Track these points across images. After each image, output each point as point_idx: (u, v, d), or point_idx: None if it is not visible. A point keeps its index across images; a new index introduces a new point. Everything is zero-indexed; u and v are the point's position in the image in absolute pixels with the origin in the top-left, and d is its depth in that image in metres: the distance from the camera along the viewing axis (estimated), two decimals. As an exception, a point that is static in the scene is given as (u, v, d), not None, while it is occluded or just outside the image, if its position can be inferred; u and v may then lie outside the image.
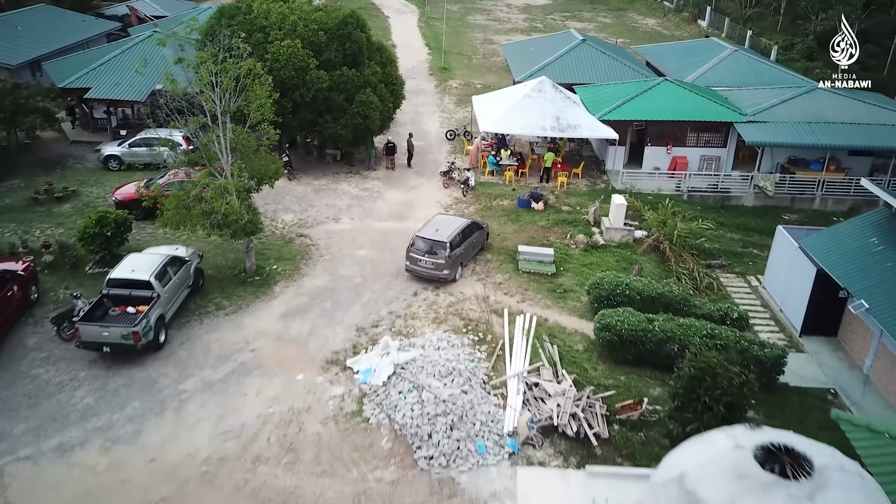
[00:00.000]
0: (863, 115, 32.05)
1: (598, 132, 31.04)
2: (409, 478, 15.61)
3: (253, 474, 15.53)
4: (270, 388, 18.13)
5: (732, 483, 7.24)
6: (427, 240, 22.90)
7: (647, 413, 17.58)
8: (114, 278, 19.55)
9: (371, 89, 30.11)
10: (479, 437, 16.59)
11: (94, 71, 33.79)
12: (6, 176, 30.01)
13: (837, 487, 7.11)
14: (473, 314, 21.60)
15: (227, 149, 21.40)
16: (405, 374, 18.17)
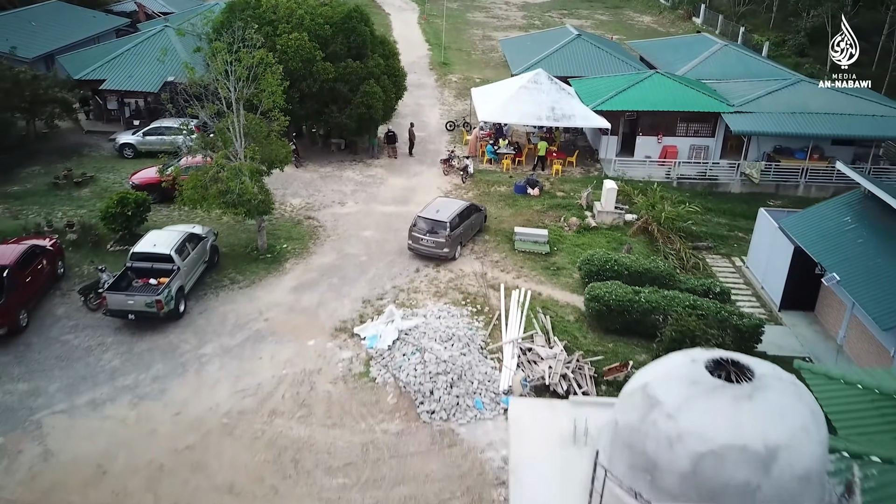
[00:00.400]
0: (845, 106, 33.48)
1: (591, 122, 32.49)
2: (412, 429, 17.06)
3: (269, 426, 16.96)
4: (283, 353, 19.57)
5: (686, 387, 8.66)
6: (428, 220, 24.34)
7: (632, 374, 19.02)
8: (137, 252, 21.01)
9: (374, 80, 31.56)
10: (477, 394, 18.05)
11: (109, 63, 35.23)
12: (26, 163, 31.41)
13: (774, 390, 8.53)
14: (472, 289, 23.03)
15: (241, 133, 22.84)
16: (408, 339, 19.62)
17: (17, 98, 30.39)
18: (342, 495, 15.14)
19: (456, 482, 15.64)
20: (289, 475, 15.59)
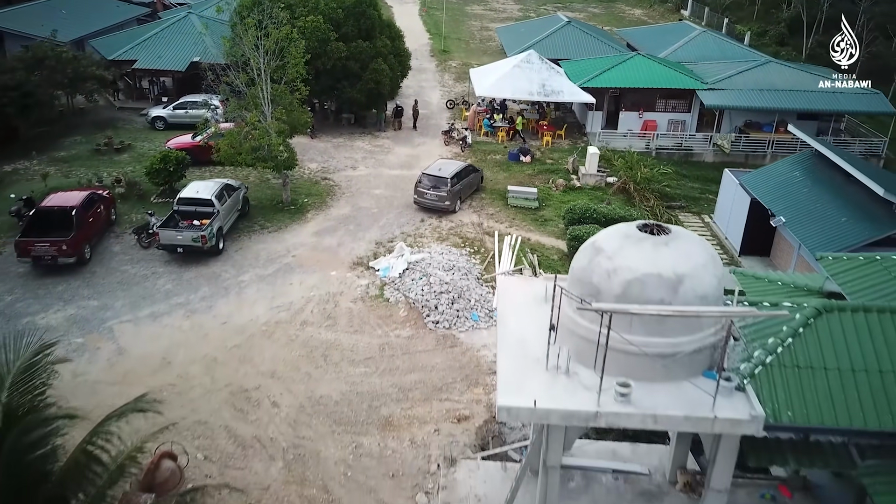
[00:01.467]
0: (808, 84, 36.97)
1: (578, 97, 35.96)
2: (420, 334, 20.52)
3: (301, 332, 20.41)
4: (310, 280, 23.03)
5: (621, 239, 12.04)
6: (432, 176, 27.79)
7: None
8: (182, 197, 24.46)
9: (382, 59, 35.03)
10: (474, 309, 21.51)
11: (139, 46, 38.66)
12: (68, 134, 34.81)
13: (684, 240, 11.93)
14: (470, 235, 26.49)
15: (269, 100, 26.27)
16: (416, 268, 23.10)
17: (61, 75, 33.75)
18: (364, 379, 18.60)
19: (456, 371, 19.10)
20: (319, 365, 19.04)
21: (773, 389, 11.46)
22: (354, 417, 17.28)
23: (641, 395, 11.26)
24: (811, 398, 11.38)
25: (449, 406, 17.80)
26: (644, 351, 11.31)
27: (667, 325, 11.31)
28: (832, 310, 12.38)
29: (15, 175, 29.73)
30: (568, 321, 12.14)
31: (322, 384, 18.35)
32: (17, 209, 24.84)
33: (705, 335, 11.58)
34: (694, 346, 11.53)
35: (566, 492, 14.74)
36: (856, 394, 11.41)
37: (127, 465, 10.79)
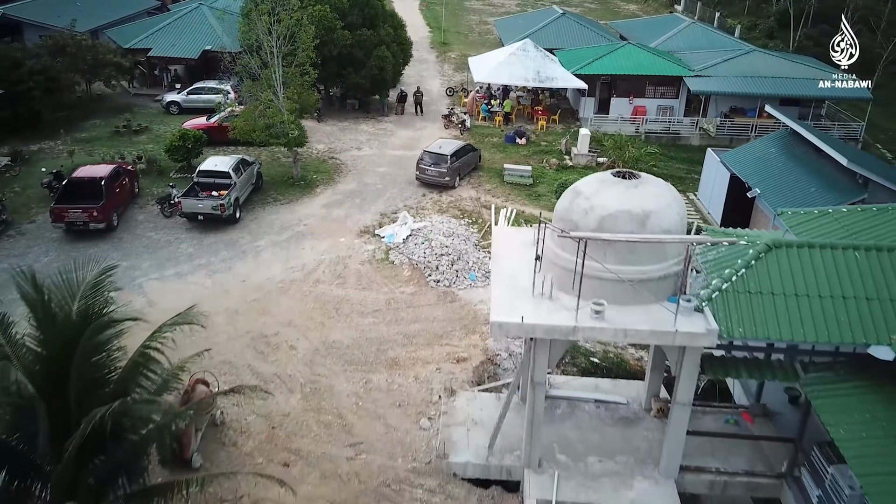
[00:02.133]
0: (791, 71, 38.90)
1: (570, 83, 37.88)
2: (423, 291, 22.44)
3: (314, 289, 22.32)
4: (321, 246, 24.94)
5: (598, 184, 13.92)
6: (433, 154, 29.71)
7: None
8: (202, 170, 26.37)
9: (385, 47, 36.93)
10: (471, 270, 23.45)
11: (154, 35, 40.56)
12: (87, 118, 36.66)
13: (652, 184, 13.82)
14: (468, 208, 28.40)
15: (281, 81, 28.17)
16: (419, 235, 25.03)
17: (82, 61, 35.63)
18: (372, 328, 20.52)
19: (455, 322, 21.02)
20: (332, 316, 20.96)
21: (728, 311, 13.38)
22: (364, 359, 19.20)
23: (614, 314, 13.21)
24: (760, 318, 13.30)
25: (449, 350, 19.73)
26: (617, 277, 13.24)
27: (636, 254, 13.26)
28: (781, 245, 14.33)
29: (41, 154, 31.62)
30: (551, 255, 14.09)
31: (334, 331, 20.27)
32: (49, 182, 26.75)
33: (669, 264, 13.52)
34: (660, 273, 13.48)
35: (553, 417, 16.69)
36: (798, 315, 13.33)
37: (176, 375, 12.72)
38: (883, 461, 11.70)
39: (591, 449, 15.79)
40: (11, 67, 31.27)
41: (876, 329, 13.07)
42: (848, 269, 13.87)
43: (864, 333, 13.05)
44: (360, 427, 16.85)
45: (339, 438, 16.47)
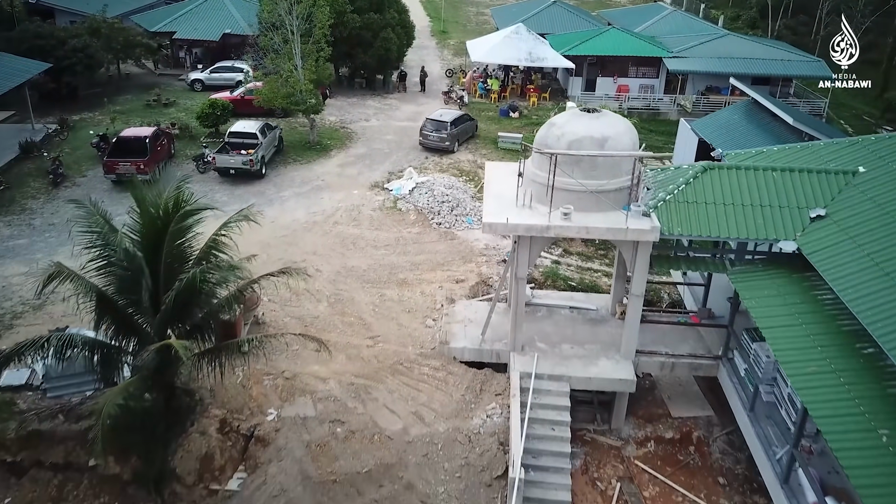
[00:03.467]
0: (761, 53, 42.56)
1: (559, 63, 41.56)
2: (427, 231, 26.09)
3: (333, 228, 25.96)
4: (337, 196, 28.58)
5: (568, 116, 17.60)
6: (434, 121, 33.36)
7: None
8: (232, 131, 30.01)
9: (391, 29, 40.55)
10: (468, 215, 27.09)
11: (178, 19, 44.17)
12: (119, 94, 40.28)
13: (610, 117, 17.55)
14: (466, 168, 32.04)
15: (300, 55, 31.79)
16: (423, 187, 28.69)
17: (115, 42, 39.20)
18: (385, 257, 24.17)
19: (455, 254, 24.68)
20: (350, 248, 24.62)
21: (669, 215, 17.02)
22: (378, 279, 22.86)
23: (579, 217, 16.89)
24: (694, 220, 16.95)
25: (449, 273, 23.39)
26: (583, 188, 16.90)
27: (597, 170, 16.92)
28: (714, 168, 18.01)
29: (82, 123, 35.22)
30: (530, 175, 17.76)
31: (353, 259, 23.93)
32: (97, 143, 30.36)
33: (624, 179, 17.19)
34: (616, 186, 17.15)
35: (535, 318, 20.33)
36: (724, 218, 16.97)
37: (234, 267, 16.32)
38: (784, 320, 15.29)
39: (564, 339, 19.44)
40: (57, 45, 34.84)
41: (784, 229, 16.70)
42: (766, 185, 17.53)
43: (775, 232, 16.68)
44: (377, 325, 20.51)
45: (360, 333, 20.14)
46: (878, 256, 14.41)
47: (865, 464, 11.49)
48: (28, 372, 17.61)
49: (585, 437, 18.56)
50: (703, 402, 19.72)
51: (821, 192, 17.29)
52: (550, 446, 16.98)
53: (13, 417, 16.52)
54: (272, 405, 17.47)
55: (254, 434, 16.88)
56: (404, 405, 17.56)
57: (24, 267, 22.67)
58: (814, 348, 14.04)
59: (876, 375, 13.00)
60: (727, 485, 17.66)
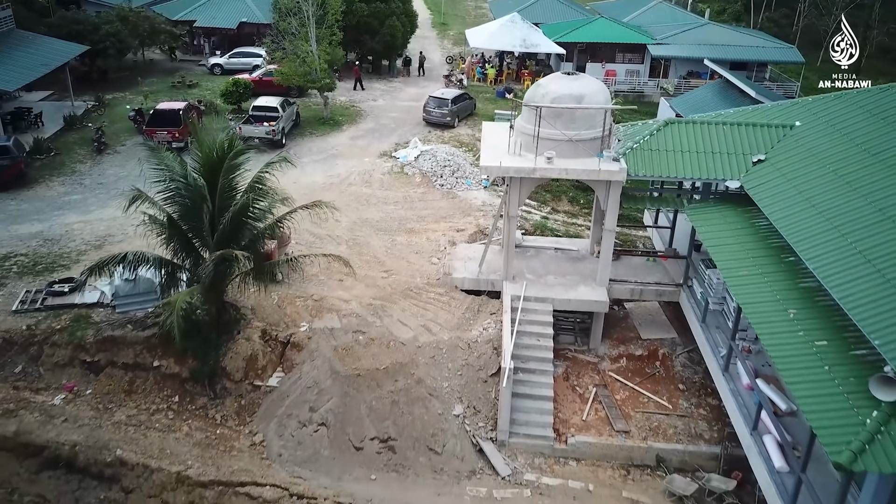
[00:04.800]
0: (738, 41, 45.98)
1: (552, 49, 45.00)
2: (431, 192, 29.49)
3: (348, 188, 29.35)
4: (350, 163, 31.96)
5: (551, 79, 20.99)
6: (437, 98, 36.76)
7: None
8: (256, 105, 33.38)
9: (395, 17, 43.93)
10: (468, 178, 30.49)
11: (197, 9, 47.52)
12: (145, 77, 43.63)
13: (587, 78, 20.90)
14: (465, 141, 35.40)
15: (315, 39, 35.16)
16: (427, 154, 32.08)
17: (141, 29, 42.54)
18: (394, 211, 27.56)
19: (455, 209, 28.08)
20: (363, 204, 28.01)
21: (635, 160, 20.40)
22: (389, 228, 26.26)
23: (560, 162, 20.27)
24: (656, 163, 20.33)
25: (451, 224, 26.79)
26: (563, 137, 20.28)
27: (575, 122, 20.30)
28: (673, 122, 21.43)
29: (115, 101, 38.57)
30: (520, 128, 21.16)
31: (367, 212, 27.33)
32: (133, 116, 33.73)
33: (597, 130, 20.57)
34: (591, 136, 20.53)
35: (525, 257, 23.71)
36: (681, 162, 20.35)
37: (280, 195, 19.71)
38: (727, 241, 18.64)
39: (549, 272, 22.83)
40: (92, 30, 38.19)
41: (731, 171, 20.07)
42: (717, 136, 20.92)
43: (723, 173, 20.06)
44: (389, 262, 23.92)
45: (376, 268, 23.54)
46: (807, 192, 17.72)
47: (777, 331, 14.85)
48: (98, 293, 20.96)
49: (567, 355, 21.90)
50: (668, 327, 23.09)
51: (763, 141, 20.68)
52: (536, 353, 20.37)
53: (90, 327, 19.89)
54: (304, 320, 20.85)
55: (289, 341, 20.27)
56: (414, 320, 20.96)
57: (82, 217, 26.06)
58: (748, 259, 17.45)
59: (793, 276, 16.37)
60: (686, 390, 20.99)
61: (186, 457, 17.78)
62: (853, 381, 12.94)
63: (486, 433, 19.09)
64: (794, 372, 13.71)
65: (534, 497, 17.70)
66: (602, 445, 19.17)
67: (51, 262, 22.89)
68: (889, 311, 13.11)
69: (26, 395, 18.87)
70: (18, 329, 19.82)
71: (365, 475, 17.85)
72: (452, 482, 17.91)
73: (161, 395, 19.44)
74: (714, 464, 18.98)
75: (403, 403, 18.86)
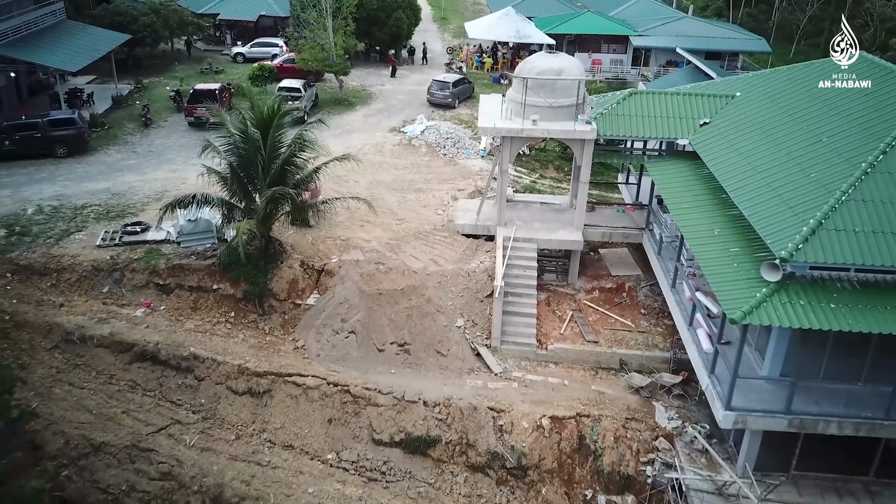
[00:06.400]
0: (712, 33, 50.65)
1: (543, 40, 49.59)
2: (435, 159, 34.13)
3: (364, 156, 33.84)
4: (363, 137, 36.58)
5: (537, 56, 25.63)
6: (439, 82, 41.43)
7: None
8: (281, 86, 37.99)
9: (401, 10, 48.57)
10: (467, 148, 35.15)
11: (220, 2, 52.09)
12: (175, 65, 48.18)
13: (565, 56, 25.55)
14: (465, 119, 40.04)
15: (331, 29, 39.78)
16: (431, 128, 36.74)
17: (172, 21, 47.08)
18: (404, 175, 32.21)
19: (457, 174, 32.72)
20: (377, 169, 32.65)
21: (604, 123, 25.03)
22: (401, 187, 30.90)
23: (543, 124, 24.92)
24: (623, 126, 24.94)
25: (453, 185, 31.43)
26: (545, 104, 24.92)
27: (556, 91, 24.93)
28: (637, 93, 26.08)
29: (152, 84, 43.16)
30: (511, 97, 25.80)
31: (380, 175, 31.99)
32: (173, 95, 38.33)
33: (573, 99, 25.22)
34: (568, 103, 25.17)
35: (515, 209, 28.33)
36: (642, 124, 24.98)
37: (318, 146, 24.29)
38: (676, 184, 23.27)
39: (535, 220, 27.47)
40: (131, 21, 42.76)
41: (682, 131, 24.70)
42: (672, 104, 25.53)
43: (675, 133, 24.69)
44: (402, 213, 28.57)
45: (390, 217, 28.20)
46: (738, 146, 22.33)
47: (704, 244, 19.52)
48: (164, 233, 25.56)
49: (550, 288, 26.52)
50: (634, 266, 27.73)
51: (709, 108, 25.32)
52: (523, 281, 25.02)
53: (161, 257, 24.52)
54: (334, 254, 25.48)
55: (323, 269, 24.91)
56: (424, 255, 25.62)
57: (140, 177, 30.69)
58: (693, 197, 22.12)
59: (723, 207, 21.00)
60: (647, 314, 25.61)
61: (245, 355, 22.41)
62: (753, 271, 17.63)
63: (482, 341, 23.74)
64: (712, 268, 18.44)
65: (520, 388, 22.32)
66: (576, 351, 23.81)
67: (121, 210, 27.52)
68: (783, 221, 17.80)
69: (114, 308, 23.52)
70: (104, 259, 24.45)
71: (386, 370, 22.48)
72: (455, 376, 22.54)
73: (220, 312, 24.07)
74: (665, 366, 23.60)
75: (416, 317, 23.51)
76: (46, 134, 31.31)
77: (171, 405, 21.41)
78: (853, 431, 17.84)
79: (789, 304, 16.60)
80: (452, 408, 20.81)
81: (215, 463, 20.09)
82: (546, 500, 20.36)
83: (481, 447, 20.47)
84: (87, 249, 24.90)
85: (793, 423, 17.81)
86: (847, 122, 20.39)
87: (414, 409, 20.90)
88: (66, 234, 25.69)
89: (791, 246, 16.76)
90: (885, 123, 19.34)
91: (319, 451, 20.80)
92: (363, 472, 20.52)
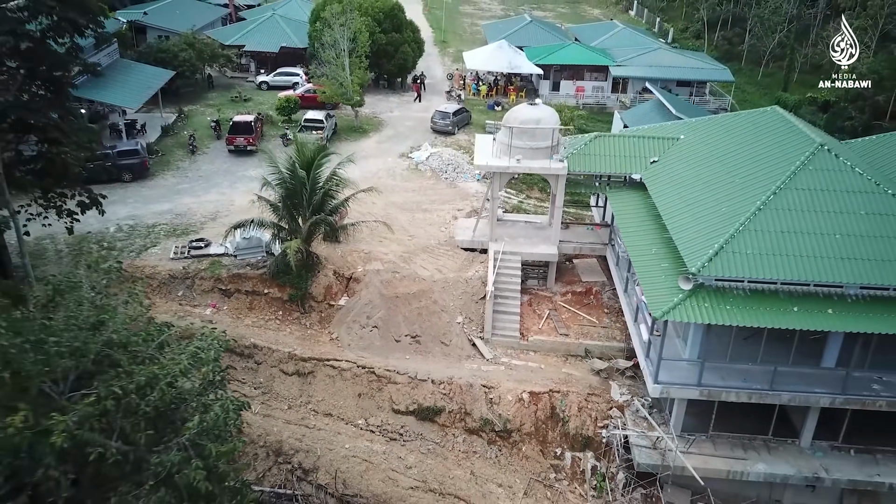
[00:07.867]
0: (685, 62, 57.11)
1: (532, 70, 56.05)
2: (438, 183, 40.57)
3: (378, 180, 40.28)
4: (378, 163, 43.00)
5: (521, 107, 32.01)
6: (441, 112, 47.92)
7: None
8: (307, 118, 44.39)
9: (407, 45, 54.97)
10: (465, 173, 41.61)
11: (245, 35, 58.44)
12: (207, 93, 54.50)
13: (542, 107, 32.01)
14: (464, 145, 46.45)
15: (348, 66, 46.17)
16: (435, 155, 43.18)
17: (206, 54, 53.38)
18: (413, 196, 38.63)
19: (456, 195, 39.18)
20: (390, 192, 39.01)
21: (574, 161, 31.47)
22: (410, 208, 37.33)
23: (525, 162, 31.38)
24: (587, 163, 31.39)
25: (454, 206, 37.89)
26: (526, 146, 31.38)
27: (535, 137, 31.38)
28: (601, 136, 32.58)
29: (191, 112, 49.53)
30: (499, 139, 32.26)
31: (393, 197, 38.42)
32: (214, 125, 44.71)
33: (549, 142, 31.65)
34: (545, 145, 31.63)
35: (504, 227, 34.73)
36: (602, 161, 31.42)
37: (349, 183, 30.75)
38: (629, 211, 29.67)
39: (520, 236, 33.87)
40: (172, 57, 49.12)
41: (636, 167, 31.12)
42: (628, 145, 31.95)
43: (630, 169, 31.12)
44: (412, 230, 35.02)
45: (403, 234, 34.64)
46: (677, 181, 28.76)
47: (643, 260, 25.98)
48: (223, 248, 31.97)
49: (531, 292, 32.95)
50: (601, 274, 34.19)
51: (658, 149, 31.75)
52: (509, 287, 31.46)
53: (223, 268, 30.96)
54: (359, 265, 31.92)
55: (351, 277, 31.36)
56: (431, 265, 32.09)
57: (195, 199, 37.11)
58: (641, 222, 28.56)
59: (661, 231, 27.46)
60: (609, 313, 32.04)
61: (292, 344, 28.86)
62: (674, 282, 24.10)
63: (476, 334, 30.18)
64: (646, 278, 24.92)
65: (507, 370, 28.76)
66: (551, 342, 30.24)
67: (185, 229, 33.95)
68: (698, 244, 24.25)
69: (187, 308, 29.96)
70: (178, 269, 30.89)
71: (402, 356, 28.92)
72: (456, 361, 28.99)
73: (270, 311, 30.49)
74: (621, 354, 30.04)
75: (425, 315, 29.97)
76: (116, 163, 37.67)
77: (238, 383, 27.82)
78: (747, 399, 24.35)
79: (698, 306, 23.05)
80: (454, 385, 27.24)
81: (274, 426, 26.53)
82: (525, 456, 26.78)
83: (476, 415, 26.89)
84: (162, 261, 31.33)
85: (703, 392, 24.30)
86: (757, 166, 26.85)
87: (424, 386, 27.33)
88: (144, 249, 32.12)
89: (700, 263, 23.21)
90: (781, 171, 25.81)
91: (352, 417, 27.23)
92: (386, 434, 26.96)
